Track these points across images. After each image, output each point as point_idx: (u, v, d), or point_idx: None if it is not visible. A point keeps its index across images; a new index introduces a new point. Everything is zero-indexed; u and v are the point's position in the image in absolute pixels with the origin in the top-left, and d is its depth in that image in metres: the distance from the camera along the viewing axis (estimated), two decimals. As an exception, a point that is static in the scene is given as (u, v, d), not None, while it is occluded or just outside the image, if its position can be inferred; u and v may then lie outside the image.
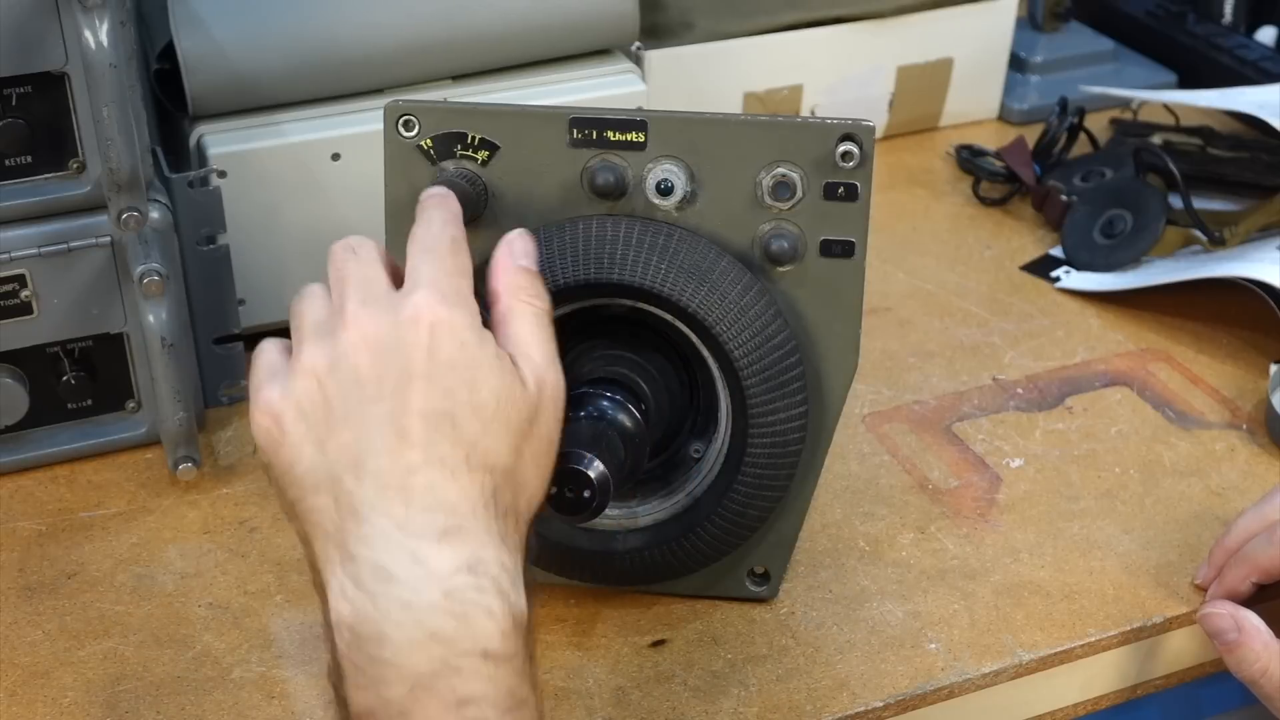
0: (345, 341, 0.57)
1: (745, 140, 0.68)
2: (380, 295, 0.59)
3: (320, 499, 0.56)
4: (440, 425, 0.56)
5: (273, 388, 0.58)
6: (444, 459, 0.55)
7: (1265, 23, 1.33)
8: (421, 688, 0.52)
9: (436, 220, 0.62)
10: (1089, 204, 1.08)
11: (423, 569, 0.53)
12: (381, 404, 0.56)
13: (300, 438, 0.57)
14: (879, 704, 0.72)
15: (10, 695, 0.72)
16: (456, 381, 0.57)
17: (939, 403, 0.93)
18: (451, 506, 0.55)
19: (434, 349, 0.57)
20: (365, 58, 0.91)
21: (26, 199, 0.79)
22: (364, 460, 0.55)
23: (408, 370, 0.56)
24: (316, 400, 0.57)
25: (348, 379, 0.57)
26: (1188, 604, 0.78)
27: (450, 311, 0.58)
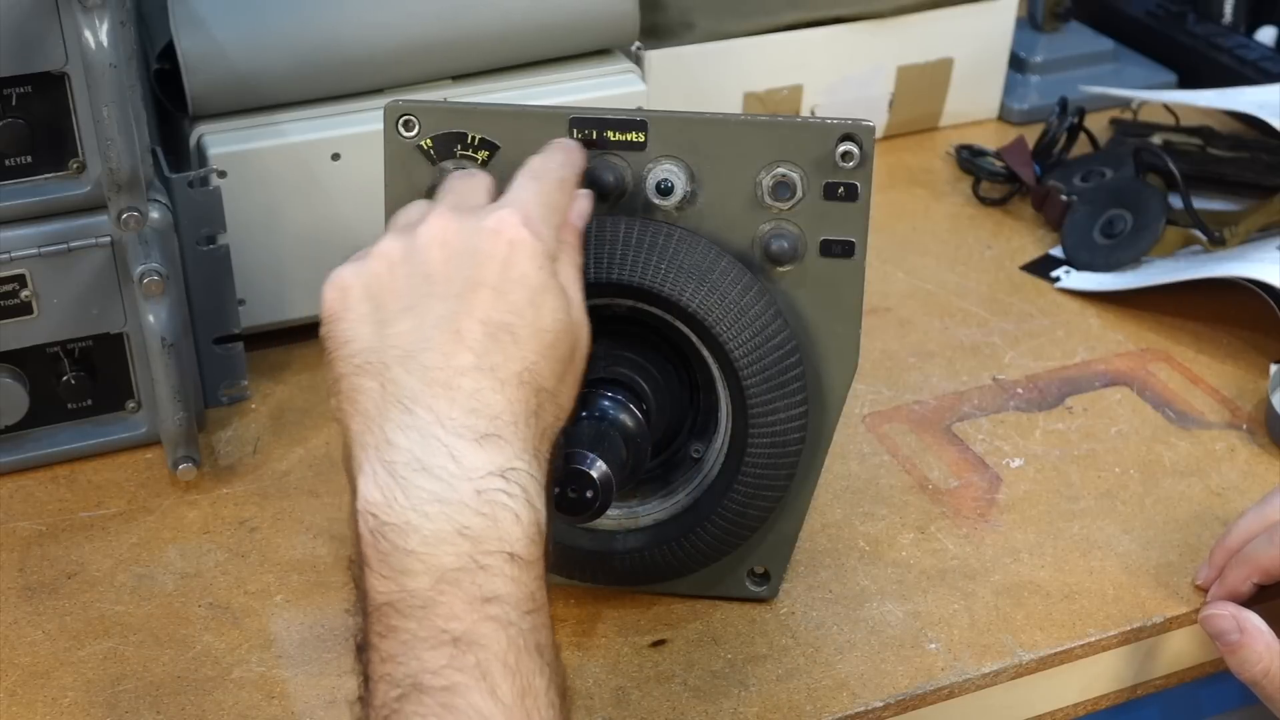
0: (423, 234, 0.60)
1: (745, 140, 0.68)
2: (471, 205, 0.62)
3: (367, 380, 0.57)
4: (499, 336, 0.57)
5: (347, 264, 0.61)
6: (495, 368, 0.57)
7: (1265, 23, 1.33)
8: (446, 581, 0.53)
9: (556, 158, 0.65)
10: (1089, 204, 1.08)
11: (458, 466, 0.54)
12: (446, 302, 0.58)
13: (361, 316, 0.59)
14: (879, 704, 0.72)
15: (10, 695, 0.72)
16: (522, 300, 0.58)
17: (939, 403, 0.93)
18: (495, 414, 0.56)
19: (508, 263, 0.58)
20: (365, 58, 0.91)
21: (26, 199, 0.79)
22: (417, 353, 0.57)
23: (477, 276, 0.58)
24: (384, 283, 0.59)
25: (418, 270, 0.59)
26: (1188, 604, 0.78)
27: (532, 234, 0.59)
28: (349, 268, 0.60)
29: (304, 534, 0.82)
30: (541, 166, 0.64)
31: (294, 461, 0.87)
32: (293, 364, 0.95)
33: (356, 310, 0.59)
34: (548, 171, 0.64)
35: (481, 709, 0.51)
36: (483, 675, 0.52)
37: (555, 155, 0.65)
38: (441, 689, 0.51)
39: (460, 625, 0.52)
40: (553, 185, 0.63)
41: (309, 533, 0.82)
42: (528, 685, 0.53)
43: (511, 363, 0.57)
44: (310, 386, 0.94)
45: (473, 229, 0.59)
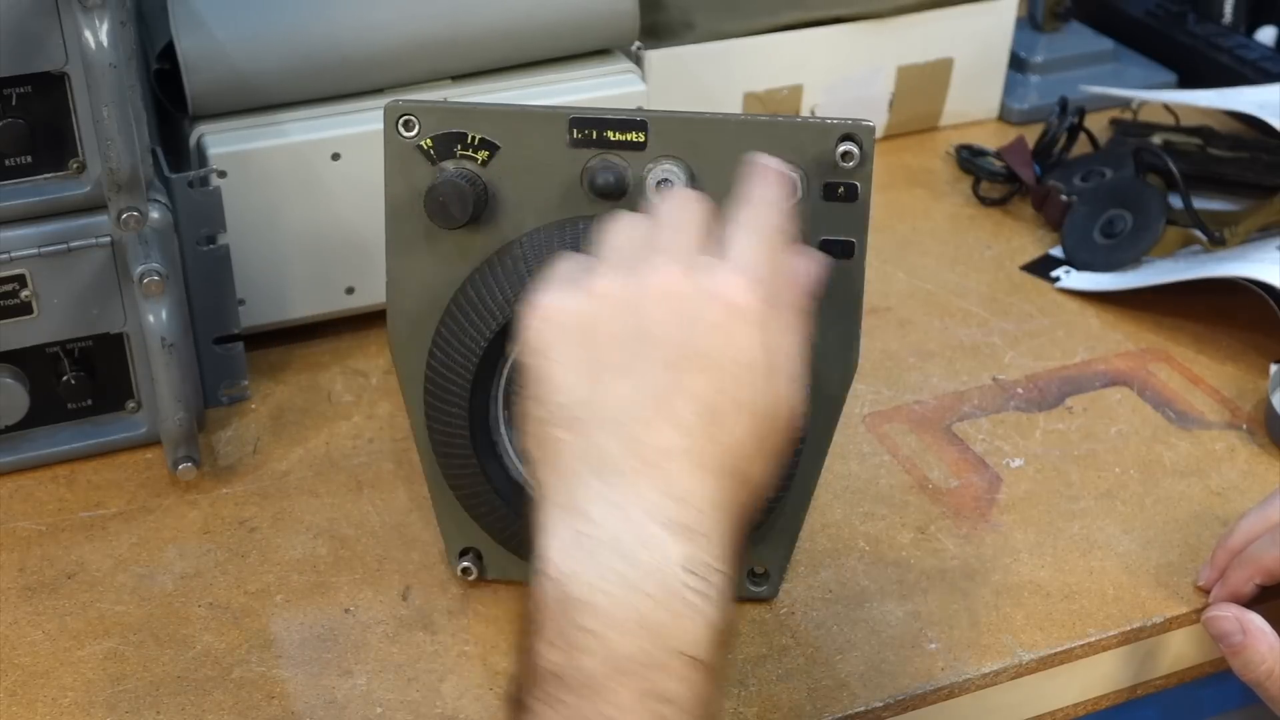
0: (647, 283, 0.55)
1: (745, 140, 0.68)
2: (694, 253, 0.56)
3: (570, 435, 0.54)
4: (711, 420, 0.53)
5: (558, 293, 0.56)
6: (703, 454, 0.53)
7: (1265, 23, 1.33)
8: (620, 670, 0.50)
9: (769, 198, 0.59)
10: (1089, 204, 1.08)
11: (652, 555, 0.51)
12: (662, 372, 0.54)
13: (570, 359, 0.55)
14: (879, 704, 0.72)
15: (10, 695, 0.72)
16: (740, 382, 0.54)
17: (939, 403, 0.93)
18: (698, 505, 0.53)
19: (729, 336, 0.54)
20: (365, 58, 0.91)
21: (26, 199, 0.79)
22: (626, 422, 0.53)
23: (694, 347, 0.54)
24: (599, 330, 0.55)
25: (638, 325, 0.54)
26: (1188, 604, 0.78)
27: (759, 304, 0.55)
28: (561, 297, 0.56)
29: (304, 534, 0.82)
30: (760, 217, 0.58)
31: (294, 461, 0.87)
32: (293, 364, 0.95)
33: (567, 353, 0.55)
34: (768, 223, 0.58)
35: None
36: None
37: (769, 199, 0.59)
38: None
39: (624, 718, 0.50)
40: (774, 239, 0.57)
41: (309, 533, 0.82)
42: None
43: (719, 451, 0.53)
44: (310, 386, 0.94)
45: (697, 290, 0.54)
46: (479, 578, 0.77)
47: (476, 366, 0.69)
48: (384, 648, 0.75)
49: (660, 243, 0.57)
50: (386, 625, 0.76)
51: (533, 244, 0.69)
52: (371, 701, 0.71)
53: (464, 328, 0.69)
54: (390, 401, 0.92)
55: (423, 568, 0.79)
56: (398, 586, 0.78)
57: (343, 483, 0.86)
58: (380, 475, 0.86)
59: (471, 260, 0.70)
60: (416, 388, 0.72)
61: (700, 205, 0.59)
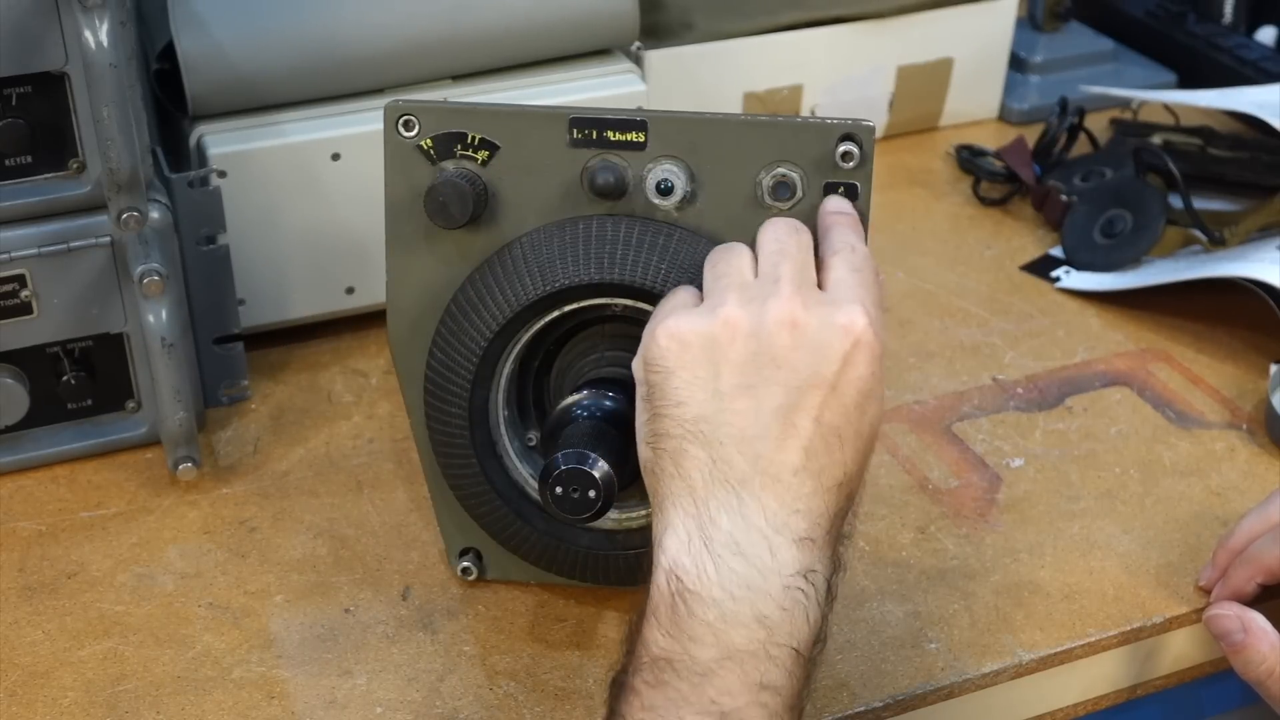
0: (774, 311, 0.59)
1: (745, 140, 0.68)
2: (815, 289, 0.61)
3: (697, 449, 0.58)
4: (830, 440, 0.58)
5: (686, 316, 0.60)
6: (821, 472, 0.58)
7: (1265, 23, 1.33)
8: (732, 660, 0.55)
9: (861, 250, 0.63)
10: (1089, 204, 1.08)
11: (773, 560, 0.56)
12: (786, 392, 0.58)
13: (698, 377, 0.59)
14: (879, 704, 0.72)
15: (10, 695, 0.72)
16: (856, 404, 0.59)
17: (939, 403, 0.93)
18: (815, 518, 0.58)
19: (850, 364, 0.59)
20: (365, 58, 0.91)
21: (26, 199, 0.79)
22: (753, 439, 0.58)
23: (820, 374, 0.58)
24: (726, 351, 0.59)
25: (763, 350, 0.59)
26: (1188, 604, 0.78)
27: (876, 338, 0.59)
28: (689, 320, 0.60)
29: (304, 534, 0.82)
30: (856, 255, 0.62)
31: (294, 461, 0.87)
32: (293, 364, 0.95)
33: (694, 371, 0.59)
34: (864, 261, 0.62)
35: None
36: None
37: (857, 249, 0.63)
38: None
39: (731, 703, 0.55)
40: (873, 275, 0.62)
41: (309, 533, 0.82)
42: None
43: (835, 468, 0.58)
44: (310, 386, 0.94)
45: (823, 321, 0.59)
46: (479, 578, 0.77)
47: (476, 366, 0.69)
48: (384, 648, 0.75)
49: (776, 271, 0.61)
50: (386, 625, 0.76)
51: (533, 244, 0.69)
52: (371, 701, 0.71)
53: (464, 328, 0.69)
54: (390, 401, 0.92)
55: (423, 568, 0.79)
56: (398, 586, 0.78)
57: (343, 483, 0.86)
58: (380, 475, 0.86)
59: (471, 260, 0.70)
60: (416, 388, 0.72)
61: (803, 235, 0.63)
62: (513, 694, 0.72)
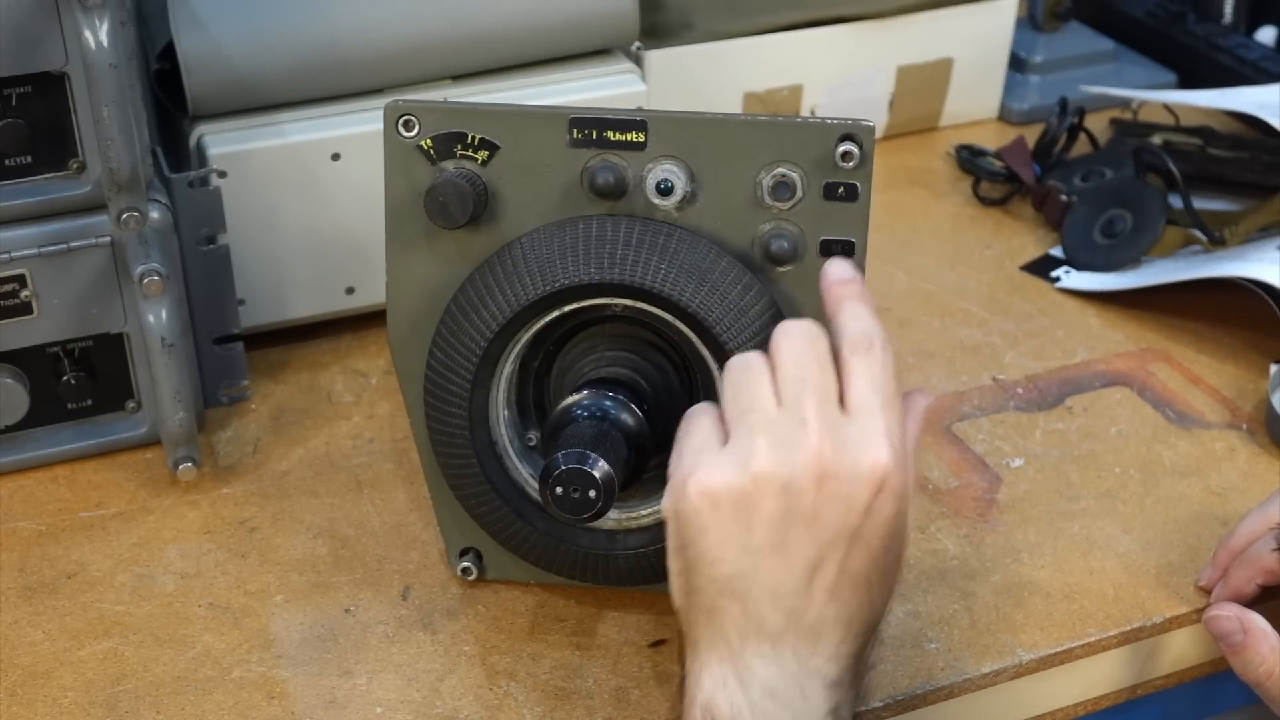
0: (801, 467, 0.59)
1: (745, 140, 0.68)
2: (839, 423, 0.60)
3: (730, 604, 0.60)
4: (858, 587, 0.60)
5: (716, 468, 0.60)
6: (852, 620, 0.60)
7: (1265, 23, 1.33)
8: None
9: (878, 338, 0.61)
10: (1089, 204, 1.08)
11: (806, 704, 0.59)
12: (813, 548, 0.59)
13: (729, 536, 0.59)
14: (879, 704, 0.72)
15: (10, 695, 0.72)
16: (880, 547, 0.60)
17: (939, 403, 0.93)
18: (845, 662, 0.60)
19: (876, 510, 0.59)
20: (365, 58, 0.91)
21: (26, 199, 0.79)
22: (786, 595, 0.59)
23: (847, 525, 0.59)
24: (756, 507, 0.59)
25: (794, 507, 0.59)
26: (1188, 604, 0.78)
27: (900, 476, 0.59)
28: (719, 473, 0.59)
29: (304, 534, 0.82)
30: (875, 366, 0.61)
31: (294, 461, 0.87)
32: (293, 364, 0.96)
33: (726, 528, 0.59)
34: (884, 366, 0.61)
35: None
36: None
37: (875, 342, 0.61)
38: None
39: None
40: (893, 385, 0.61)
41: (309, 533, 0.82)
42: None
43: (866, 614, 0.60)
44: (310, 386, 0.94)
45: (850, 473, 0.59)
46: (479, 578, 0.77)
47: (476, 366, 0.69)
48: (384, 648, 0.75)
49: (800, 405, 0.60)
50: (386, 625, 0.76)
51: (533, 244, 0.69)
52: (371, 701, 0.71)
53: (464, 328, 0.69)
54: (390, 401, 0.92)
55: (423, 568, 0.79)
56: (398, 586, 0.78)
57: (343, 483, 0.86)
58: (380, 475, 0.86)
59: (471, 260, 0.70)
60: (416, 388, 0.72)
61: (820, 346, 0.61)
62: (513, 694, 0.72)
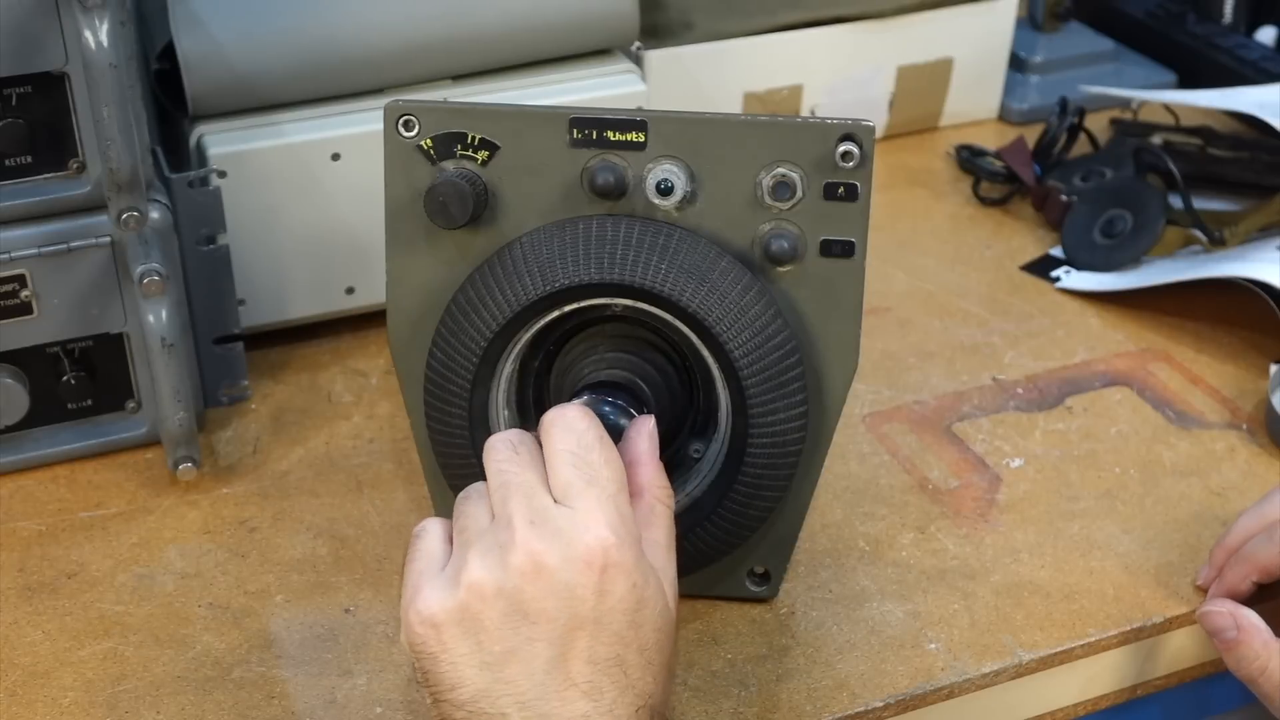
0: (514, 567, 0.57)
1: (745, 140, 0.68)
2: (547, 513, 0.58)
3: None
4: (608, 673, 0.57)
5: (432, 592, 0.58)
6: (611, 708, 0.57)
7: (1265, 23, 1.33)
8: None
9: (594, 448, 0.60)
10: (1089, 204, 1.08)
11: None
12: (550, 646, 0.56)
13: (462, 657, 0.57)
14: (879, 704, 0.72)
15: (10, 695, 0.72)
16: (625, 625, 0.57)
17: (939, 403, 0.93)
18: None
19: (604, 591, 0.57)
20: (365, 58, 0.91)
21: (26, 199, 0.79)
22: (534, 702, 0.56)
23: (578, 615, 0.56)
24: (479, 621, 0.57)
25: (514, 608, 0.57)
26: (1188, 604, 0.78)
27: (621, 550, 0.57)
28: (435, 597, 0.57)
29: (304, 534, 0.82)
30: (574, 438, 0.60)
31: (294, 461, 0.87)
32: (293, 364, 0.96)
33: (455, 650, 0.57)
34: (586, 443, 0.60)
35: None
36: None
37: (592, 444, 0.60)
38: None
39: None
40: (601, 462, 0.59)
41: (309, 533, 0.82)
42: None
43: (626, 696, 0.57)
44: (310, 387, 0.94)
45: (563, 558, 0.56)
46: (479, 578, 0.77)
47: (476, 366, 0.69)
48: (384, 648, 0.75)
49: (511, 507, 0.58)
50: (386, 625, 0.76)
51: (533, 244, 0.69)
52: (371, 701, 0.71)
53: (464, 328, 0.69)
54: (390, 401, 0.92)
55: (423, 568, 0.79)
56: (398, 586, 0.78)
57: (343, 483, 0.86)
58: (380, 475, 0.86)
59: (471, 260, 0.70)
60: (416, 388, 0.72)
61: (534, 453, 0.60)
62: (513, 694, 0.72)
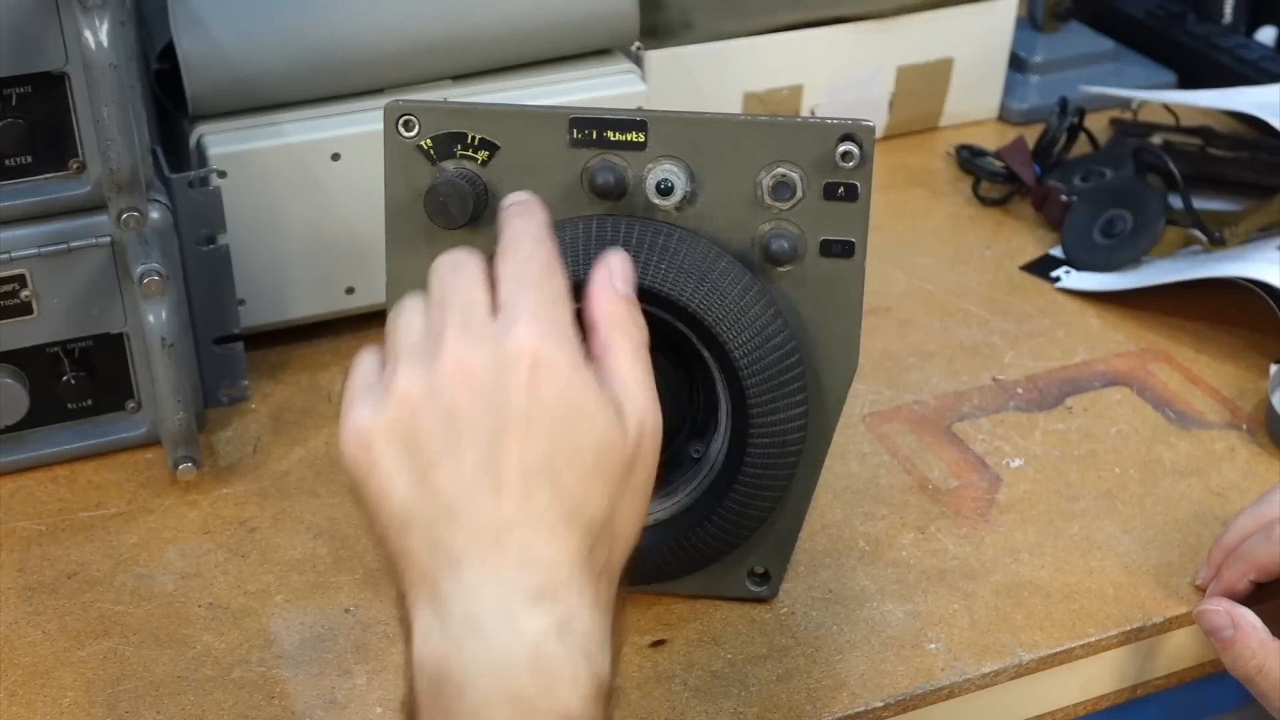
0: (442, 372, 0.54)
1: (745, 140, 0.68)
2: (481, 323, 0.55)
3: (413, 540, 0.54)
4: (539, 478, 0.53)
5: (363, 408, 0.56)
6: (541, 514, 0.53)
7: (1265, 23, 1.33)
8: None
9: (527, 238, 0.58)
10: (1089, 204, 1.08)
11: (513, 629, 0.52)
12: (478, 449, 0.54)
13: (391, 469, 0.55)
14: (879, 704, 0.72)
15: (10, 695, 0.72)
16: (557, 429, 0.54)
17: (939, 403, 0.93)
18: (548, 565, 0.53)
19: (534, 391, 0.54)
20: (365, 58, 0.91)
21: (26, 199, 0.79)
22: (459, 507, 0.53)
23: (505, 414, 0.53)
24: (409, 429, 0.54)
25: (443, 414, 0.54)
26: (1188, 604, 0.78)
27: (553, 349, 0.54)
28: (364, 413, 0.55)
29: (304, 534, 0.82)
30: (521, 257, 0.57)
31: (294, 461, 0.87)
32: (293, 364, 0.96)
33: (385, 462, 0.55)
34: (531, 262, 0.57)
35: None
36: None
37: (524, 235, 0.58)
38: None
39: None
40: (543, 276, 0.57)
41: (309, 533, 0.82)
42: None
43: (556, 504, 0.53)
44: (310, 387, 0.94)
45: (492, 357, 0.54)
46: (479, 578, 0.77)
47: (476, 366, 0.69)
48: (384, 648, 0.75)
49: (445, 320, 0.56)
50: (386, 625, 0.76)
51: (533, 244, 0.69)
52: (371, 701, 0.71)
53: (464, 328, 0.69)
54: (390, 401, 0.92)
55: (423, 568, 0.79)
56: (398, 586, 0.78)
57: (343, 483, 0.86)
58: (380, 475, 0.86)
59: None
60: (416, 388, 0.72)
61: (473, 264, 0.58)
62: (513, 694, 0.72)
